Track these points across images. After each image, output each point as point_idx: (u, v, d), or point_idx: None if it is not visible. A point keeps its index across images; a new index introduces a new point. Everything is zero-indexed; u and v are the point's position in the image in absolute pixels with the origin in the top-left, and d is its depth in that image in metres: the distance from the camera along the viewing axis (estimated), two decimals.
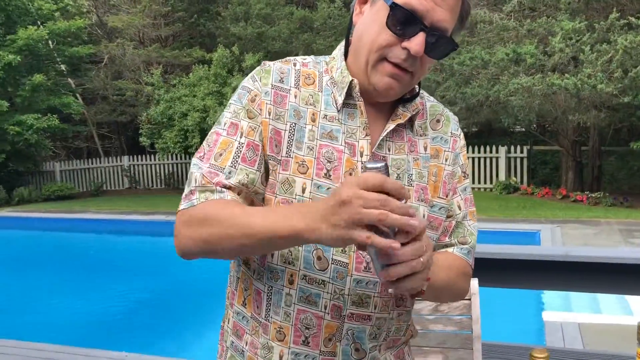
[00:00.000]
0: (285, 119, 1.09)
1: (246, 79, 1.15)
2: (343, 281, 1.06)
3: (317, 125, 1.09)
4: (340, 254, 1.06)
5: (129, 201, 14.77)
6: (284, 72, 1.12)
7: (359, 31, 1.10)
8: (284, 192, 1.07)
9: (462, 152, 1.22)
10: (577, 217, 9.93)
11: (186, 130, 14.05)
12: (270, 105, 1.09)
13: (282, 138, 1.08)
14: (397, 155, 1.12)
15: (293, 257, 1.06)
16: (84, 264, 9.81)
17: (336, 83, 1.12)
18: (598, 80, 9.49)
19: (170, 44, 18.04)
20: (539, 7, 11.09)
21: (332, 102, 1.11)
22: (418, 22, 1.01)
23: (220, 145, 1.09)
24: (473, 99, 11.19)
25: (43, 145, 16.21)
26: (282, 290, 1.08)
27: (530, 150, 14.03)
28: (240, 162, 1.07)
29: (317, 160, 1.07)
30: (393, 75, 1.05)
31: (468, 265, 1.20)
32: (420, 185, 1.13)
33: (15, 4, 14.90)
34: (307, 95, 1.11)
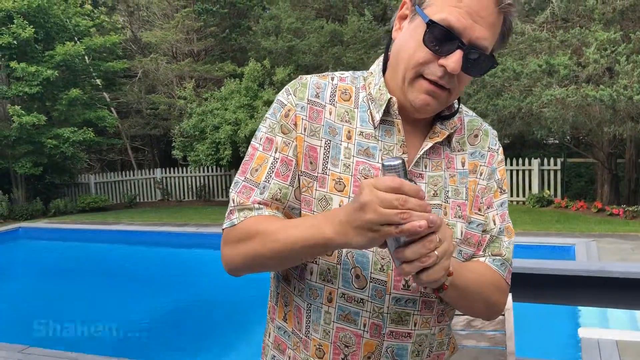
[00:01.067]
0: (320, 135, 1.09)
1: (282, 91, 1.15)
2: (382, 300, 1.06)
3: (353, 143, 1.08)
4: (378, 272, 1.05)
5: (161, 213, 14.96)
6: (320, 87, 1.12)
7: (397, 47, 1.09)
8: (321, 209, 1.07)
9: (500, 167, 1.20)
10: (614, 232, 9.68)
11: (218, 142, 14.21)
12: (305, 120, 1.09)
13: (317, 154, 1.08)
14: (434, 172, 1.11)
15: (332, 276, 1.06)
16: (116, 274, 9.96)
17: (374, 100, 1.10)
18: (634, 91, 9.29)
19: (202, 59, 18.32)
20: (572, 17, 10.94)
21: (369, 118, 1.10)
22: (455, 39, 1.00)
23: (256, 160, 1.11)
24: (505, 110, 11.06)
25: (78, 158, 16.58)
26: (321, 308, 1.08)
27: (564, 162, 13.78)
28: (274, 177, 1.08)
29: (354, 178, 1.06)
30: (429, 92, 1.04)
31: (502, 279, 1.16)
32: (457, 202, 1.12)
33: (53, 21, 15.34)
34: (343, 112, 1.10)
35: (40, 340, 5.43)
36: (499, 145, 1.21)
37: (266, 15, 16.59)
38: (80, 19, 16.05)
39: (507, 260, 1.17)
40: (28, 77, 14.19)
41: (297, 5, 15.61)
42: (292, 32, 14.80)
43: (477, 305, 1.18)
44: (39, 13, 14.77)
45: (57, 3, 15.30)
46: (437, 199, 1.10)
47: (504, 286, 1.17)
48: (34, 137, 14.52)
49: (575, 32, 10.33)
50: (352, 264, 1.05)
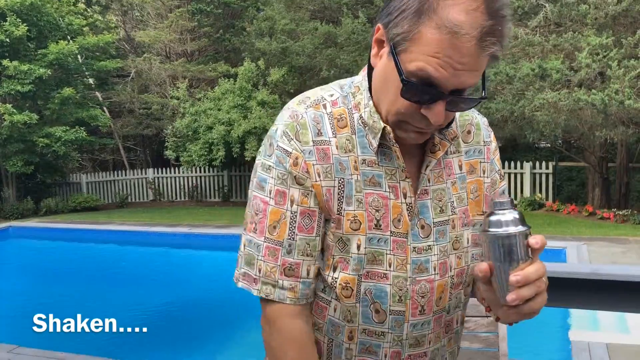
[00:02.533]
0: (333, 174, 1.02)
1: (278, 135, 1.04)
2: (401, 328, 1.06)
3: (359, 173, 1.03)
4: (397, 304, 1.05)
5: (153, 213, 14.91)
6: (319, 121, 1.04)
7: (377, 80, 1.02)
8: (340, 251, 1.04)
9: (496, 156, 1.17)
10: (604, 235, 9.74)
11: (211, 143, 14.18)
12: (317, 165, 1.02)
13: (332, 196, 1.02)
14: (437, 184, 1.07)
15: (352, 315, 1.06)
16: (107, 274, 9.91)
17: (367, 125, 1.04)
18: (626, 96, 9.35)
19: (196, 59, 18.29)
20: (564, 22, 11.00)
21: (368, 144, 1.04)
22: (435, 90, 0.92)
23: (270, 217, 1.03)
24: (497, 114, 11.10)
25: (70, 157, 16.50)
26: (342, 345, 1.09)
27: (555, 166, 13.85)
28: (298, 233, 1.03)
29: (367, 212, 1.03)
30: (419, 132, 1.00)
31: None
32: (462, 209, 1.09)
33: (46, 20, 15.26)
34: (344, 141, 1.04)
35: (29, 340, 5.39)
36: (491, 132, 1.19)
37: (260, 16, 16.56)
38: (74, 18, 15.97)
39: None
40: (20, 75, 14.10)
41: (291, 7, 15.59)
42: (286, 34, 14.78)
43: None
44: (32, 11, 14.69)
45: (50, 1, 15.21)
46: (444, 215, 1.07)
47: None
48: (25, 136, 14.43)
49: (568, 36, 10.39)
50: (371, 300, 1.05)
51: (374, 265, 1.03)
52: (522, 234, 0.92)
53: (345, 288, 1.04)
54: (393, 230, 1.03)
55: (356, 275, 1.03)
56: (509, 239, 0.92)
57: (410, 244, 1.04)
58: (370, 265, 1.03)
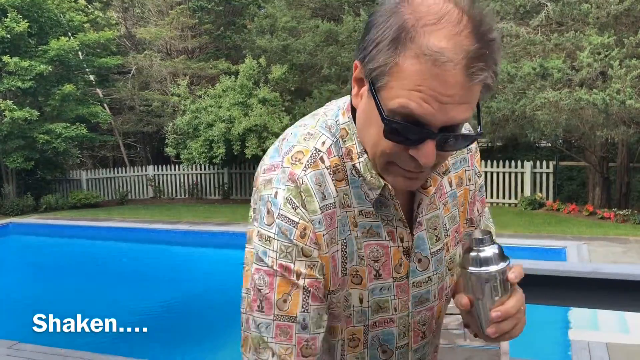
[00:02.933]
0: (337, 238, 0.94)
1: (278, 201, 0.90)
2: (406, 357, 1.06)
3: (357, 229, 0.95)
4: (402, 339, 1.04)
5: (152, 210, 14.91)
6: (321, 183, 0.92)
7: (360, 120, 0.93)
8: (343, 307, 0.98)
9: (476, 157, 1.10)
10: (605, 235, 9.75)
11: (211, 140, 14.17)
12: (326, 235, 0.92)
13: (337, 261, 0.94)
14: (430, 212, 1.01)
15: (360, 358, 1.04)
16: (107, 271, 9.92)
17: (364, 179, 0.94)
18: (627, 95, 9.34)
19: (196, 56, 18.27)
20: (566, 21, 10.99)
21: (364, 195, 0.95)
22: (422, 128, 0.82)
23: (278, 289, 0.90)
24: (498, 113, 11.09)
25: (71, 154, 16.50)
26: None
27: (556, 165, 13.84)
28: (312, 303, 0.91)
29: (367, 267, 0.97)
30: (408, 177, 0.90)
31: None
32: (454, 227, 1.06)
33: (47, 16, 15.25)
34: (343, 196, 0.94)
35: (29, 336, 5.39)
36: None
37: (261, 13, 16.56)
38: (75, 14, 15.95)
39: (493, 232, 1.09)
40: (21, 71, 14.09)
41: (292, 4, 15.58)
42: (287, 31, 14.78)
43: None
44: (32, 7, 14.68)
45: None
46: (439, 243, 1.03)
47: None
48: (25, 132, 14.42)
49: (569, 35, 10.38)
50: (379, 344, 1.03)
51: (380, 314, 1.00)
52: (501, 272, 0.91)
53: (352, 339, 1.00)
54: (395, 276, 0.99)
55: (362, 326, 1.00)
56: (489, 278, 0.90)
57: (410, 283, 1.01)
58: (376, 314, 1.00)
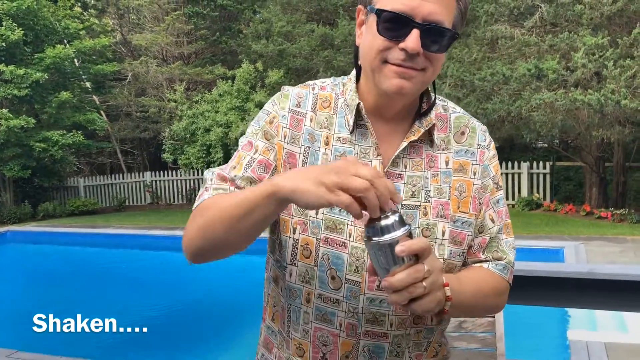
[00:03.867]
0: (300, 142, 1.11)
1: (268, 102, 1.18)
2: (357, 300, 1.07)
3: (330, 148, 1.11)
4: (353, 273, 1.07)
5: (150, 216, 14.89)
6: (302, 97, 1.15)
7: (362, 49, 1.11)
8: (300, 213, 1.09)
9: (492, 163, 1.18)
10: (602, 234, 9.76)
11: (209, 145, 14.18)
12: (286, 128, 1.12)
13: (296, 161, 1.11)
14: (413, 172, 1.11)
15: (309, 277, 1.09)
16: (105, 278, 9.90)
17: (348, 105, 1.13)
18: (622, 95, 9.38)
19: (192, 62, 18.29)
20: (560, 22, 11.03)
21: (346, 124, 1.12)
22: (408, 20, 1.00)
23: (236, 159, 1.14)
24: (494, 114, 11.12)
25: (68, 161, 16.48)
26: (300, 309, 1.11)
27: (553, 166, 13.88)
28: (250, 172, 1.11)
29: None
30: (400, 75, 1.03)
31: (504, 282, 1.17)
32: (440, 201, 1.11)
33: (43, 24, 15.24)
34: (323, 119, 1.13)
35: (28, 345, 5.38)
36: (490, 140, 1.20)
37: (257, 18, 16.59)
38: (70, 22, 15.96)
39: (509, 263, 1.18)
40: (17, 79, 14.08)
41: (287, 9, 15.61)
42: (283, 36, 14.80)
43: (475, 312, 1.22)
44: (28, 15, 14.67)
45: (46, 5, 15.20)
46: (415, 200, 1.10)
47: (504, 288, 1.18)
48: (22, 140, 14.39)
49: (563, 36, 10.41)
50: (328, 266, 1.07)
51: (334, 233, 1.07)
52: (394, 242, 0.89)
53: (305, 249, 1.09)
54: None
55: (314, 239, 1.08)
56: (380, 247, 0.90)
57: None
58: (330, 232, 1.07)
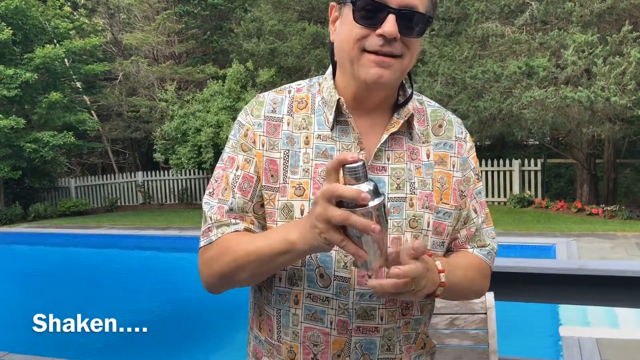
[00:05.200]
0: (279, 147, 1.11)
1: (241, 112, 1.18)
2: (346, 296, 1.08)
3: (311, 147, 1.11)
4: (342, 270, 1.07)
5: (142, 217, 14.85)
6: (277, 102, 1.15)
7: (337, 43, 1.12)
8: (285, 217, 1.09)
9: (471, 155, 1.21)
10: (593, 231, 9.83)
11: (200, 145, 14.14)
12: (263, 136, 1.12)
13: (277, 167, 1.11)
14: (396, 164, 1.12)
15: (297, 278, 1.09)
16: (97, 279, 9.86)
17: (326, 102, 1.13)
18: (611, 92, 9.43)
19: (183, 61, 18.23)
20: (550, 20, 11.08)
21: (325, 121, 1.12)
22: (383, 6, 1.01)
23: (224, 180, 1.13)
24: (485, 112, 11.16)
25: (59, 162, 16.38)
26: (289, 311, 1.10)
27: (544, 163, 13.94)
28: (237, 192, 1.11)
29: (314, 181, 1.08)
30: (378, 63, 1.04)
31: (487, 266, 1.22)
32: (424, 192, 1.13)
33: (32, 23, 15.15)
34: (300, 120, 1.13)
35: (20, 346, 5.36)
36: (466, 133, 1.22)
37: (248, 17, 16.55)
38: (60, 21, 15.86)
39: (492, 250, 1.23)
40: (6, 80, 13.99)
41: (278, 8, 15.59)
42: (274, 34, 14.78)
43: (463, 295, 1.27)
44: (17, 15, 14.57)
45: (35, 5, 15.11)
46: (400, 192, 1.11)
47: (488, 272, 1.23)
48: (12, 141, 14.30)
49: (553, 34, 10.46)
50: (316, 264, 1.07)
51: None
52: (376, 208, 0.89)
53: None
54: None
55: None
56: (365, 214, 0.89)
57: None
58: None
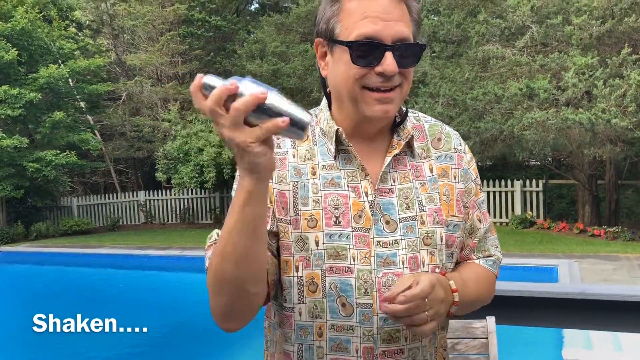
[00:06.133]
0: (287, 179, 1.12)
1: None
2: (370, 322, 1.08)
3: (318, 177, 1.12)
4: (363, 296, 1.08)
5: (144, 236, 14.83)
6: (279, 138, 1.12)
7: (332, 80, 1.13)
8: (300, 249, 1.09)
9: (471, 166, 1.23)
10: (595, 252, 9.79)
11: (202, 165, 14.18)
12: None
13: (287, 199, 1.11)
14: (403, 184, 1.14)
15: (319, 310, 1.08)
16: (99, 299, 9.82)
17: (325, 133, 1.14)
18: (612, 114, 9.48)
19: (187, 81, 18.33)
20: (551, 42, 11.18)
21: (327, 151, 1.13)
22: (379, 45, 1.03)
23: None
24: (487, 133, 11.21)
25: (61, 181, 16.42)
26: (313, 345, 1.10)
27: (545, 184, 13.94)
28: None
29: (325, 210, 1.09)
30: (382, 100, 1.06)
31: (494, 277, 1.25)
32: (433, 208, 1.14)
33: (37, 44, 15.31)
34: (304, 152, 1.14)
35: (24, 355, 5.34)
36: (464, 144, 1.25)
37: (251, 38, 16.71)
38: (65, 42, 16.03)
39: (498, 260, 1.26)
40: (10, 99, 14.10)
41: (281, 30, 15.76)
42: (277, 56, 14.91)
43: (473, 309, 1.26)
44: (22, 36, 14.74)
45: (41, 26, 15.28)
46: (411, 211, 1.12)
47: (494, 281, 1.26)
48: (15, 160, 14.37)
49: (554, 56, 10.55)
50: (337, 294, 1.07)
51: (338, 260, 1.08)
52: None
53: (311, 284, 1.09)
54: (354, 226, 1.09)
55: (319, 271, 1.08)
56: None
57: (373, 238, 1.09)
58: (334, 260, 1.08)
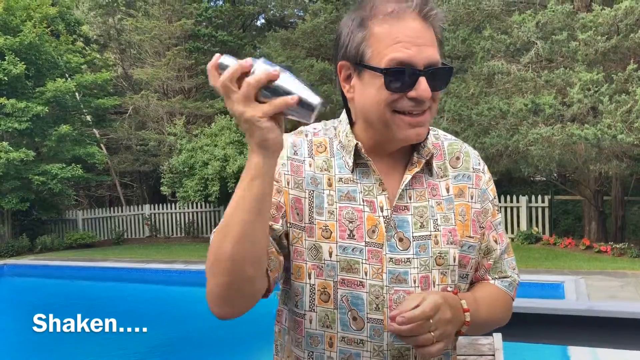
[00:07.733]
0: (304, 186, 1.12)
1: None
2: (380, 338, 1.08)
3: (334, 189, 1.12)
4: (374, 312, 1.08)
5: (149, 250, 14.83)
6: (297, 145, 1.16)
7: (360, 104, 1.11)
8: (313, 258, 1.10)
9: (490, 186, 1.23)
10: (602, 269, 9.72)
11: (207, 179, 14.21)
12: (288, 175, 1.13)
13: (302, 206, 1.11)
14: (419, 202, 1.13)
15: (330, 321, 1.09)
16: (103, 312, 9.79)
17: (344, 147, 1.14)
18: (618, 130, 9.46)
19: (193, 96, 18.46)
20: (556, 58, 11.19)
21: (345, 164, 1.13)
22: (414, 71, 1.03)
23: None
24: (492, 148, 11.19)
25: (66, 194, 16.46)
26: (323, 354, 1.10)
27: (551, 199, 13.89)
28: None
29: (339, 223, 1.09)
30: (415, 124, 1.06)
31: (510, 299, 1.24)
32: (448, 228, 1.14)
33: (45, 58, 15.45)
34: (321, 162, 1.14)
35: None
36: (483, 164, 1.25)
37: (257, 54, 16.82)
38: (72, 56, 16.17)
39: (514, 281, 1.25)
40: (17, 113, 14.19)
41: (287, 45, 15.86)
42: None
43: (486, 329, 1.28)
44: (30, 50, 14.87)
45: (48, 40, 15.42)
46: (425, 230, 1.12)
47: (510, 304, 1.26)
48: (21, 173, 14.42)
49: (559, 72, 10.55)
50: (348, 307, 1.08)
51: (350, 273, 1.08)
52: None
53: (323, 293, 1.10)
54: (368, 241, 1.09)
55: (332, 281, 1.09)
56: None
57: (386, 254, 1.09)
58: (346, 272, 1.08)
